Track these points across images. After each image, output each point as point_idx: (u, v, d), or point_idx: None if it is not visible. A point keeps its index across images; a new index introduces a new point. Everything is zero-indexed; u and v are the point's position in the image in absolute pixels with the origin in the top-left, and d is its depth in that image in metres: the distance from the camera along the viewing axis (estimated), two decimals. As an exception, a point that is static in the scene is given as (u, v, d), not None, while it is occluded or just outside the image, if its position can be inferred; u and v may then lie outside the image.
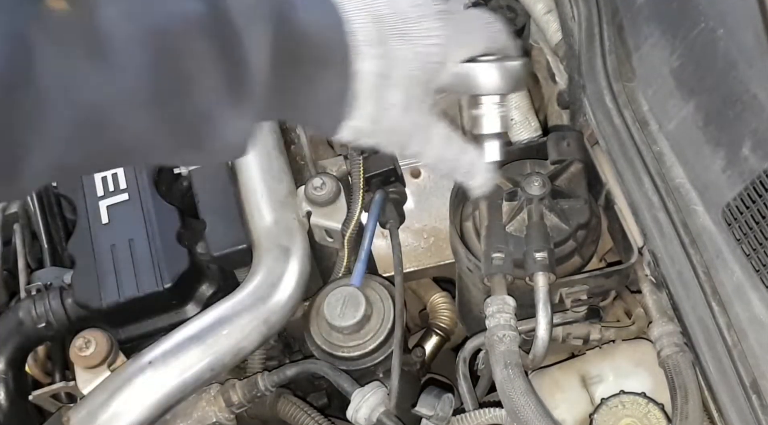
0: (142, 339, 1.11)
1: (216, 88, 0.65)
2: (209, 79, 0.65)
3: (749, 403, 0.84)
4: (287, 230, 1.11)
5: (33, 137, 0.60)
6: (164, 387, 1.01)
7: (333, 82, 0.70)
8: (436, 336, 1.33)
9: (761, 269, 0.84)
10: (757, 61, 0.85)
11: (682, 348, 0.94)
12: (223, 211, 1.13)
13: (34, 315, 1.12)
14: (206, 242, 1.11)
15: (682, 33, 0.96)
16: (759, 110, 0.85)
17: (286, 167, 1.19)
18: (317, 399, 1.20)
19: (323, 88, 0.70)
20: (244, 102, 0.67)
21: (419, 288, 1.37)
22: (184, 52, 0.64)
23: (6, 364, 1.11)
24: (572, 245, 0.98)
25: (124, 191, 1.16)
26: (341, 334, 1.08)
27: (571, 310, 1.00)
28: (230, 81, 0.66)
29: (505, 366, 0.90)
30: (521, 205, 0.96)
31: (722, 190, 0.89)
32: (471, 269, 1.00)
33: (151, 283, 1.08)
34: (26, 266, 1.31)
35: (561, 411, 0.99)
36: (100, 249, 1.12)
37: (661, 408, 0.94)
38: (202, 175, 1.17)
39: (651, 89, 1.02)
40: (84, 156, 0.65)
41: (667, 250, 0.95)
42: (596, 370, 1.01)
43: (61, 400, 1.15)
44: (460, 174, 0.80)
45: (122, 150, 0.67)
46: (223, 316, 1.04)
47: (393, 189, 1.17)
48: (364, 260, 1.09)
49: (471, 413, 1.01)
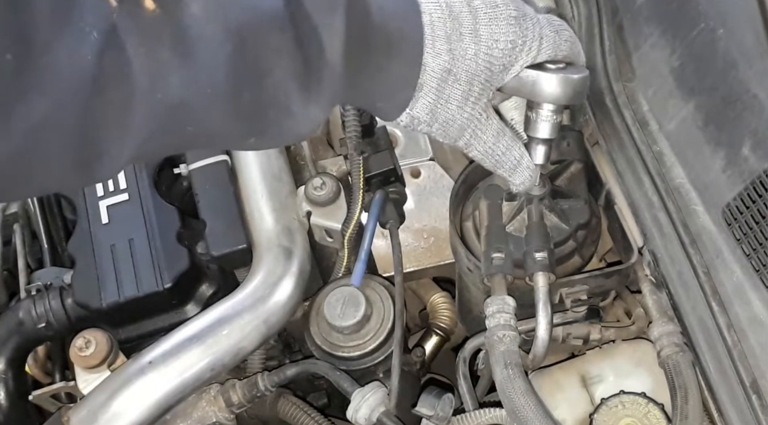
0: (142, 339, 1.11)
1: (291, 79, 0.68)
2: (285, 72, 0.67)
3: (749, 403, 0.84)
4: (287, 230, 1.11)
5: (118, 131, 0.62)
6: (164, 387, 1.01)
7: (401, 72, 0.73)
8: (436, 336, 1.33)
9: (761, 269, 0.84)
10: (757, 61, 0.85)
11: (682, 348, 0.94)
12: (223, 211, 1.13)
13: (34, 315, 1.12)
14: (206, 242, 1.11)
15: (682, 33, 0.96)
16: (759, 110, 0.85)
17: (286, 167, 1.19)
18: (317, 399, 1.20)
19: (391, 76, 0.73)
20: (317, 92, 0.69)
21: (419, 288, 1.37)
22: (262, 47, 0.66)
23: (6, 364, 1.11)
24: (572, 245, 0.98)
25: (124, 191, 1.16)
26: (341, 334, 1.08)
27: (571, 310, 1.00)
28: (305, 73, 0.68)
29: (505, 366, 0.90)
30: (521, 205, 0.96)
31: (722, 190, 0.89)
32: (471, 269, 1.00)
33: (151, 283, 1.08)
34: (26, 266, 1.31)
35: (561, 411, 0.99)
36: (100, 249, 1.12)
37: (661, 408, 0.94)
38: (202, 175, 1.17)
39: (651, 89, 1.02)
40: (161, 146, 0.69)
41: (667, 250, 0.95)
42: (596, 370, 1.01)
43: (61, 400, 1.15)
44: (504, 170, 0.83)
45: (196, 140, 0.71)
46: (223, 316, 1.04)
47: (393, 189, 1.17)
48: (364, 260, 1.09)
49: (471, 413, 1.01)
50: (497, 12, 0.75)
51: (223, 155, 1.17)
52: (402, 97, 0.74)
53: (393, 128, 1.29)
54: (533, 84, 0.79)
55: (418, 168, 1.30)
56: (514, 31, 0.75)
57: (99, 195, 1.16)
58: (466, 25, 0.74)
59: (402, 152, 1.31)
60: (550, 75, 0.80)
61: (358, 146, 1.13)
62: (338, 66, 0.69)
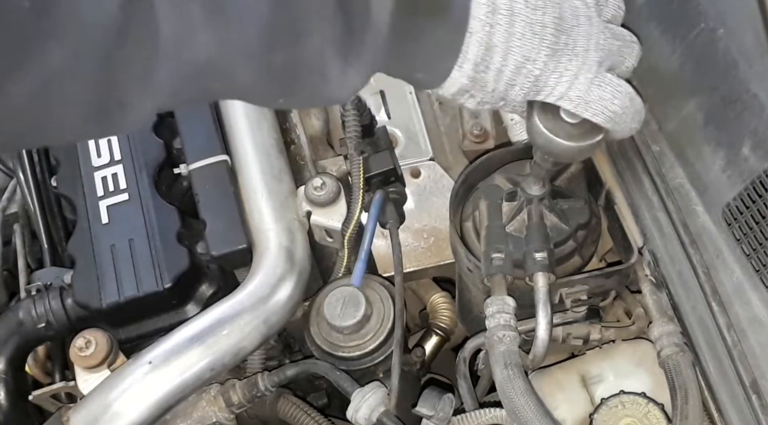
0: (142, 339, 1.11)
1: (330, 43, 0.64)
2: (324, 35, 0.64)
3: (749, 403, 0.84)
4: (287, 230, 1.11)
5: (140, 84, 0.61)
6: (164, 387, 1.01)
7: (446, 37, 0.69)
8: (436, 336, 1.33)
9: (761, 269, 0.84)
10: (757, 61, 0.85)
11: (682, 348, 0.94)
12: (223, 211, 1.13)
13: (34, 315, 1.12)
14: (206, 242, 1.11)
15: (682, 33, 0.96)
16: (759, 110, 0.85)
17: (286, 167, 1.19)
18: (317, 399, 1.20)
19: (435, 41, 0.69)
20: (357, 57, 0.66)
21: (419, 288, 1.37)
22: (301, 6, 0.63)
23: (6, 364, 1.11)
24: (572, 245, 0.98)
25: (124, 191, 1.16)
26: (341, 334, 1.08)
27: (571, 310, 1.00)
28: (347, 37, 0.65)
29: (505, 366, 0.90)
30: (521, 205, 0.96)
31: (722, 190, 0.89)
32: (471, 269, 1.00)
33: (151, 283, 1.08)
34: (26, 266, 1.31)
35: (561, 411, 0.99)
36: (100, 249, 1.12)
37: (661, 408, 0.94)
38: (202, 175, 1.17)
39: (651, 89, 1.02)
40: (185, 100, 0.68)
41: (667, 250, 0.95)
42: (596, 370, 1.01)
43: (61, 400, 1.15)
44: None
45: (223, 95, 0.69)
46: (223, 316, 1.04)
47: (393, 189, 1.18)
48: (364, 260, 1.09)
49: (471, 413, 1.01)
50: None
51: (223, 155, 1.17)
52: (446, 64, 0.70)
53: (393, 128, 1.30)
54: (527, 121, 0.77)
55: (418, 168, 1.30)
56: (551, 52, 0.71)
57: (99, 195, 1.16)
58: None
59: (402, 152, 1.31)
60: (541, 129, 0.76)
61: (358, 146, 1.13)
62: (384, 31, 0.65)
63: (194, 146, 1.19)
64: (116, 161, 1.19)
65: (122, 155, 1.19)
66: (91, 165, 1.19)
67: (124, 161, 1.18)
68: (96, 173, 1.18)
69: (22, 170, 1.33)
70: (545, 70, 0.72)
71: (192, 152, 1.18)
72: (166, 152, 1.20)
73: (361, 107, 1.14)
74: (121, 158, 1.19)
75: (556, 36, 0.71)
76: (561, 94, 0.73)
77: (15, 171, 1.35)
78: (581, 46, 0.72)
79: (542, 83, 0.72)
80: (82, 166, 1.19)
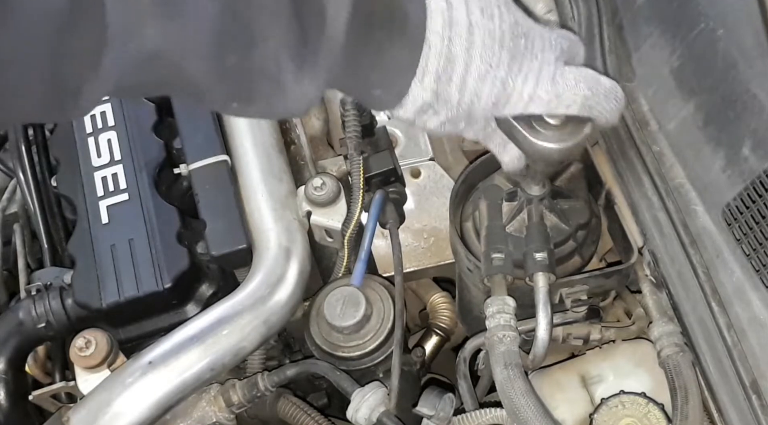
0: (142, 339, 1.11)
1: (285, 49, 0.64)
2: (279, 40, 0.63)
3: (749, 403, 0.84)
4: (287, 230, 1.11)
5: (89, 71, 0.60)
6: (164, 387, 1.01)
7: (403, 51, 0.68)
8: (436, 336, 1.33)
9: (761, 269, 0.84)
10: (757, 61, 0.85)
11: (682, 348, 0.94)
12: (223, 211, 1.13)
13: (34, 315, 1.12)
14: (206, 242, 1.11)
15: (682, 33, 0.96)
16: (759, 110, 0.85)
17: (286, 167, 1.19)
18: (317, 399, 1.20)
19: (393, 55, 0.68)
20: (312, 66, 0.65)
21: (419, 288, 1.37)
22: (257, 9, 0.62)
23: (6, 364, 1.11)
24: (572, 245, 0.98)
25: (124, 191, 1.16)
26: (341, 334, 1.08)
27: (571, 310, 1.00)
28: (302, 44, 0.64)
29: (505, 366, 0.90)
30: (521, 205, 0.96)
31: (722, 190, 0.89)
32: (471, 270, 1.00)
33: (151, 283, 1.08)
34: (26, 266, 1.31)
35: (561, 411, 0.99)
36: (100, 249, 1.12)
37: (661, 408, 0.94)
38: (202, 175, 1.17)
39: (651, 89, 1.02)
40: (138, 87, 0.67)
41: (667, 250, 0.95)
42: (596, 370, 1.01)
43: (61, 400, 1.15)
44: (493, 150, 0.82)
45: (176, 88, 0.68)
46: (223, 316, 1.04)
47: (393, 189, 1.18)
48: (364, 260, 1.09)
49: (471, 413, 1.01)
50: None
51: (223, 155, 1.17)
52: (403, 81, 0.70)
53: (393, 128, 1.29)
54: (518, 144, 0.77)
55: (418, 168, 1.30)
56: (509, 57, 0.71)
57: (99, 195, 1.16)
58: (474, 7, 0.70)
59: (402, 152, 1.31)
60: (534, 142, 0.76)
61: (358, 146, 1.13)
62: (340, 40, 0.65)
63: (194, 146, 1.19)
64: (116, 161, 1.19)
65: (122, 155, 1.19)
66: (91, 165, 1.19)
67: (124, 161, 1.18)
68: (96, 173, 1.18)
69: (22, 170, 1.33)
70: (510, 73, 0.71)
71: (192, 151, 1.18)
72: (166, 152, 1.20)
73: (362, 107, 1.14)
74: (121, 158, 1.19)
75: (515, 41, 0.71)
76: (530, 95, 0.73)
77: (15, 171, 1.35)
78: (538, 47, 0.72)
79: (510, 87, 0.72)
80: (82, 166, 1.19)
